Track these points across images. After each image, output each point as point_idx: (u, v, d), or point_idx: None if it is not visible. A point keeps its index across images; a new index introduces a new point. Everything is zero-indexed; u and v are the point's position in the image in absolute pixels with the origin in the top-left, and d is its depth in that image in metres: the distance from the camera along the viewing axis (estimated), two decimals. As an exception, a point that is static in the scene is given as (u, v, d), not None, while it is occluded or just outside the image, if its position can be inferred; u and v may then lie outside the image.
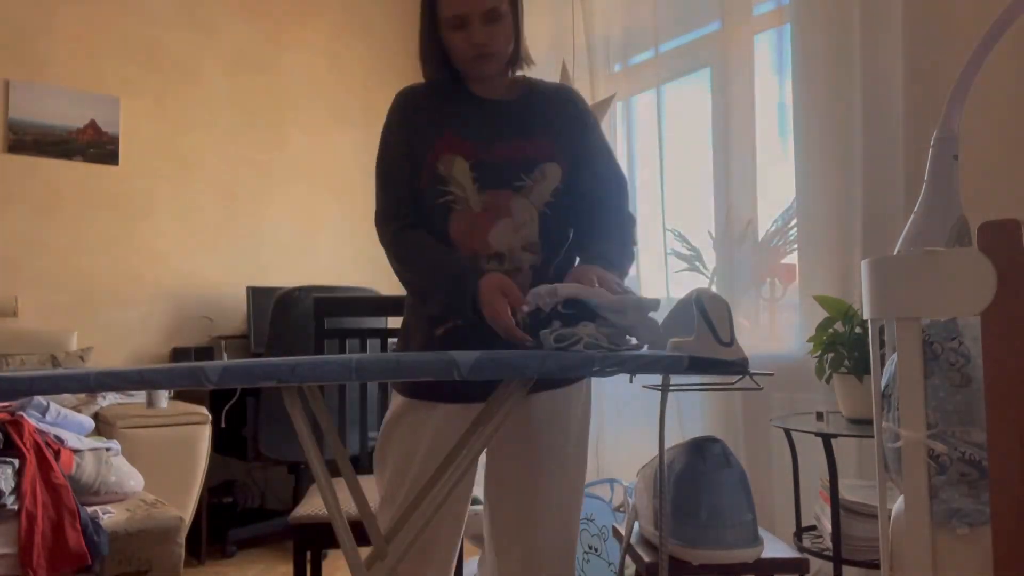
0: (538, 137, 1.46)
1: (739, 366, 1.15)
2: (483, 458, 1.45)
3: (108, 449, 2.48)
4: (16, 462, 2.14)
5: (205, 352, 3.63)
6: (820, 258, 2.44)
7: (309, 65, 4.21)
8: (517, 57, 1.50)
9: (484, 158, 1.43)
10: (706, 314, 1.18)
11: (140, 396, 3.18)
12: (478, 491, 2.33)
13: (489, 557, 1.53)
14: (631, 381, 1.52)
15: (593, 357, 1.00)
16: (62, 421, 2.53)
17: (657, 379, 1.90)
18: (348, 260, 4.23)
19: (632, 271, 1.33)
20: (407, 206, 1.46)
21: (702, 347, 1.17)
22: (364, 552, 1.84)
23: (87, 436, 2.58)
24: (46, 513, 2.10)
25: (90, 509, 2.24)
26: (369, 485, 2.06)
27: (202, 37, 3.92)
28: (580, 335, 1.09)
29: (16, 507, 2.06)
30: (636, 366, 1.02)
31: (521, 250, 1.42)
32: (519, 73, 1.55)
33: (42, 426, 2.38)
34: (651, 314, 1.18)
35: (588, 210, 1.49)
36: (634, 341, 1.18)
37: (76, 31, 3.59)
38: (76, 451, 2.36)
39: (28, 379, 0.83)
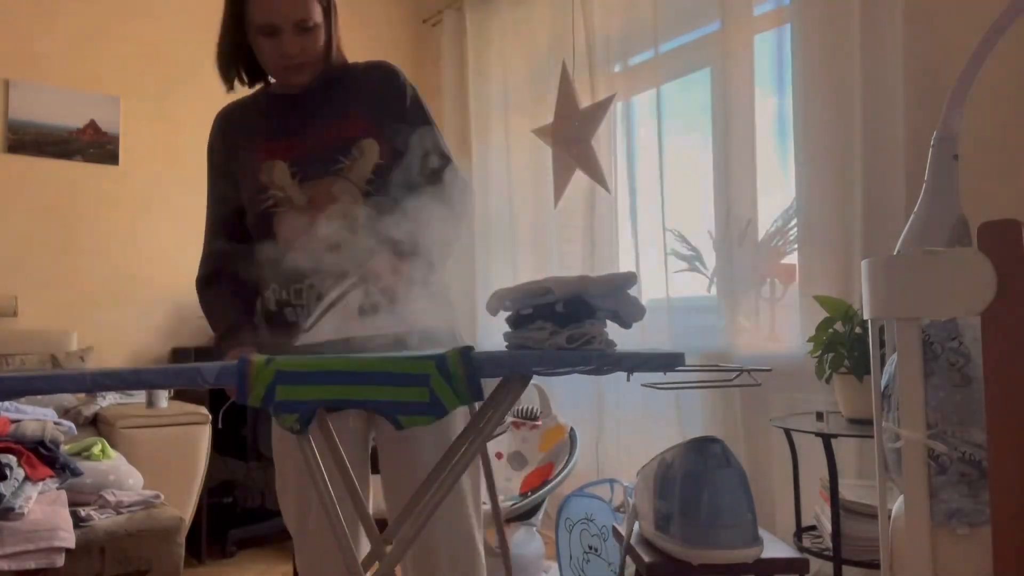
0: (350, 115, 1.42)
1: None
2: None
3: (57, 423, 2.49)
4: None
5: (205, 352, 3.63)
6: (820, 258, 2.44)
7: (309, 65, 4.20)
8: (329, 63, 1.45)
9: (300, 153, 1.40)
10: None
11: (140, 396, 3.18)
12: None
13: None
14: (628, 379, 1.51)
15: (588, 355, 0.99)
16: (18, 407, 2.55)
17: (656, 377, 1.90)
18: (348, 260, 4.22)
19: (632, 271, 1.31)
20: (217, 247, 1.48)
21: None
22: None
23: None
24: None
25: (84, 511, 2.23)
26: (371, 484, 2.06)
27: (202, 37, 3.91)
28: (594, 333, 1.08)
29: (24, 510, 2.06)
30: (633, 364, 1.02)
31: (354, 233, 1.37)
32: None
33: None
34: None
35: (413, 187, 1.45)
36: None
37: (76, 31, 3.59)
38: (15, 421, 2.36)
39: (24, 379, 0.83)
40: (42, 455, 2.26)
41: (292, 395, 0.98)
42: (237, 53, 1.44)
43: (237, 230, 1.49)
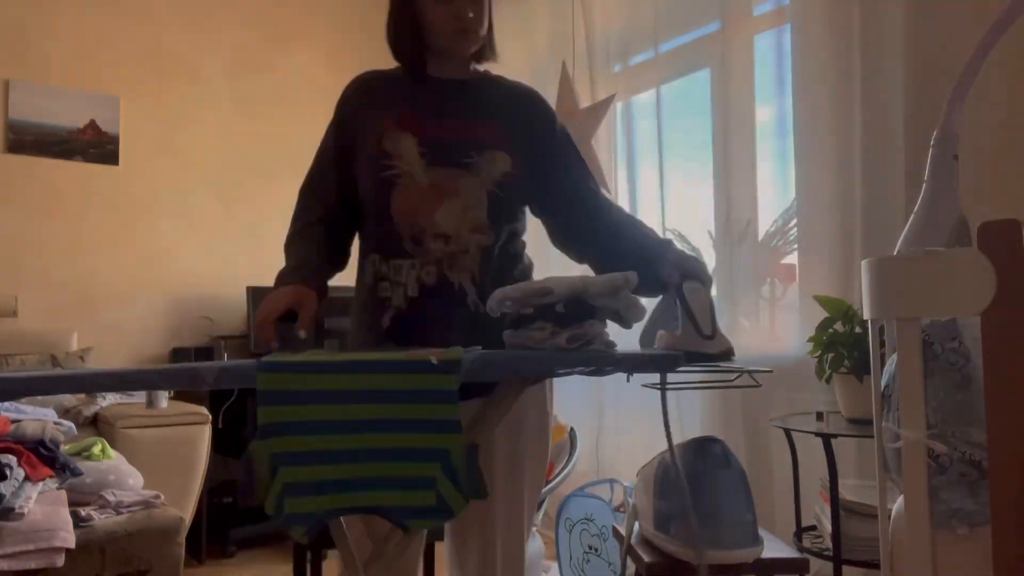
0: (490, 122, 1.43)
1: (722, 357, 1.15)
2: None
3: (57, 423, 2.49)
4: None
5: (205, 352, 3.63)
6: (820, 258, 2.44)
7: (309, 65, 4.21)
8: (488, 46, 1.47)
9: (432, 134, 1.39)
10: (688, 308, 1.17)
11: (140, 396, 3.18)
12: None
13: (450, 555, 1.48)
14: (628, 380, 1.51)
15: (590, 356, 0.99)
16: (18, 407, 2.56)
17: (655, 378, 1.90)
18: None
19: (632, 271, 1.30)
20: (323, 192, 1.47)
21: (685, 341, 1.16)
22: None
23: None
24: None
25: (84, 511, 2.23)
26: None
27: (202, 37, 3.92)
28: (594, 334, 1.08)
29: (24, 510, 2.06)
30: (633, 364, 1.02)
31: (469, 232, 1.37)
32: (483, 68, 1.52)
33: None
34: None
35: (556, 210, 1.47)
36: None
37: (76, 31, 3.59)
38: (15, 421, 2.37)
39: (24, 380, 0.83)
40: (42, 455, 2.26)
41: (300, 508, 0.98)
42: (406, 26, 1.44)
43: (335, 188, 1.48)
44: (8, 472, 2.10)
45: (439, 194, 1.36)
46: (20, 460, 2.17)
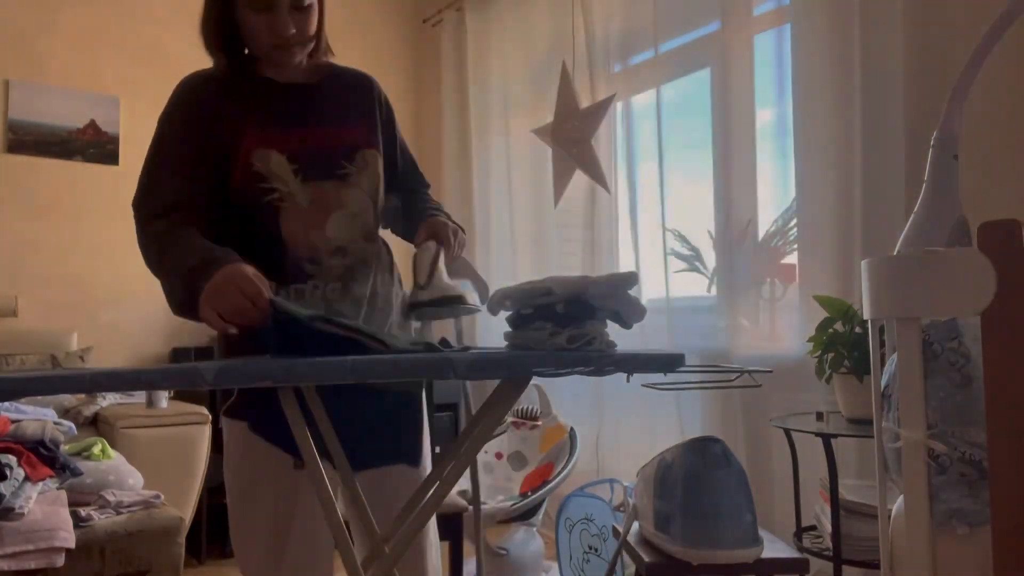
0: (351, 123, 1.41)
1: (440, 303, 1.29)
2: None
3: (57, 423, 2.49)
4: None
5: (205, 352, 3.63)
6: (820, 258, 2.44)
7: (309, 65, 4.20)
8: (319, 47, 1.41)
9: (299, 148, 1.34)
10: (414, 264, 1.33)
11: (140, 396, 3.18)
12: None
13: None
14: (628, 380, 1.51)
15: (590, 356, 0.99)
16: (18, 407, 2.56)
17: (656, 378, 1.90)
18: (348, 260, 4.22)
19: (633, 271, 1.32)
20: (184, 202, 1.31)
21: (411, 296, 1.30)
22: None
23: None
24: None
25: (84, 511, 2.23)
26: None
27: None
28: (594, 334, 1.08)
29: (24, 510, 2.06)
30: (633, 365, 1.02)
31: (363, 240, 1.36)
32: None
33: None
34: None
35: (409, 191, 1.52)
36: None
37: (76, 31, 3.59)
38: (15, 421, 2.37)
39: (24, 380, 0.83)
40: (42, 455, 2.26)
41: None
42: (221, 27, 1.34)
43: (202, 200, 1.34)
44: (8, 472, 2.10)
45: (322, 210, 1.33)
46: (20, 460, 2.17)
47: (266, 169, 1.31)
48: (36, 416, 2.53)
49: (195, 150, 1.32)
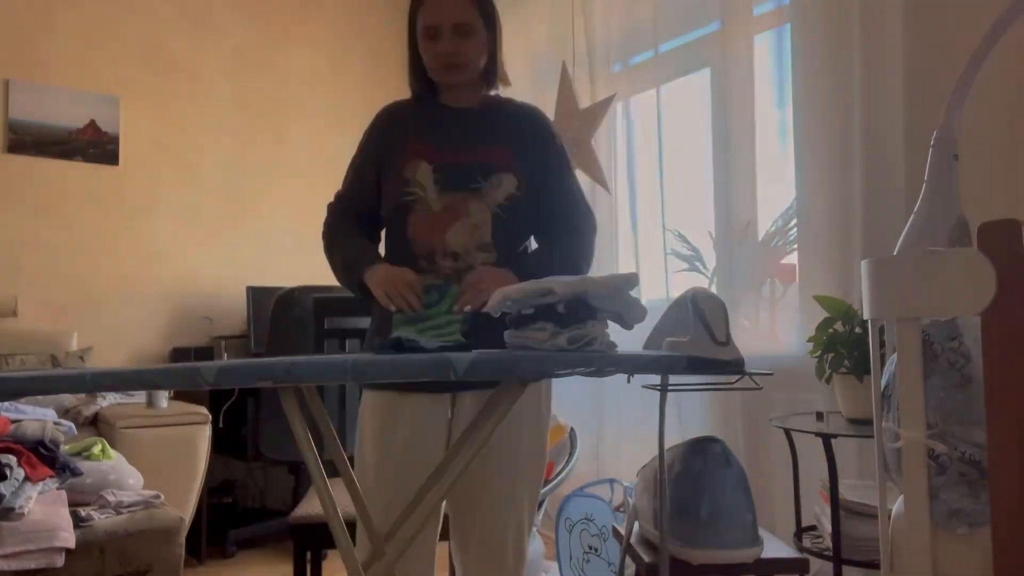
0: (498, 147, 1.54)
1: (735, 365, 1.15)
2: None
3: (57, 423, 2.49)
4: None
5: (205, 352, 3.63)
6: (820, 258, 2.44)
7: (309, 65, 4.21)
8: (491, 75, 1.59)
9: (445, 161, 1.51)
10: (702, 314, 1.17)
11: (140, 396, 3.18)
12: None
13: (453, 551, 1.57)
14: (628, 381, 1.52)
15: (591, 357, 0.99)
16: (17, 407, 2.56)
17: (656, 379, 1.90)
18: (348, 260, 4.22)
19: (634, 272, 1.34)
20: (355, 203, 1.61)
21: (698, 347, 1.16)
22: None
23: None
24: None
25: (84, 511, 2.23)
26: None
27: (202, 37, 3.92)
28: (594, 334, 1.08)
29: (24, 510, 2.06)
30: (634, 366, 1.02)
31: (476, 250, 1.49)
32: (493, 92, 1.63)
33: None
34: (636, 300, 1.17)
35: (543, 222, 1.58)
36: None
37: (76, 31, 3.59)
38: (15, 421, 2.37)
39: (23, 379, 0.83)
40: (42, 455, 2.26)
41: None
42: (418, 66, 1.57)
43: (362, 203, 1.61)
44: (8, 472, 2.10)
45: (450, 216, 1.49)
46: (20, 460, 2.17)
47: (412, 176, 1.51)
48: (36, 416, 2.53)
49: (370, 160, 1.60)
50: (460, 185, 1.50)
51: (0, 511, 2.02)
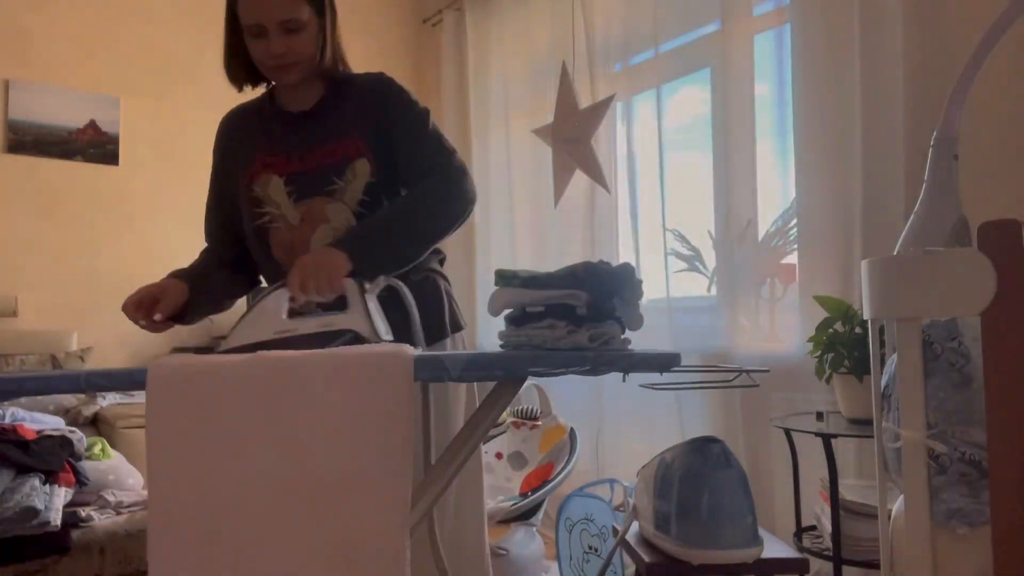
0: (346, 136, 1.45)
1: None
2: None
3: (71, 431, 2.49)
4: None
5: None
6: (820, 258, 2.43)
7: (309, 65, 4.20)
8: (332, 61, 1.48)
9: (296, 169, 1.45)
10: None
11: (140, 396, 3.18)
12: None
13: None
14: (624, 380, 1.51)
15: (584, 356, 0.99)
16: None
17: (655, 378, 1.90)
18: (348, 260, 4.22)
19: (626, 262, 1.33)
20: (216, 234, 1.60)
21: None
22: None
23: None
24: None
25: (84, 511, 2.23)
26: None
27: (202, 37, 3.91)
28: (612, 334, 1.08)
29: (59, 523, 2.07)
30: (627, 364, 1.01)
31: None
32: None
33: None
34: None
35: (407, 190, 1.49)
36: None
37: (76, 31, 3.59)
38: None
39: (20, 380, 0.83)
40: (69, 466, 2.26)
41: None
42: (239, 56, 1.49)
43: (230, 234, 1.58)
44: (40, 483, 2.10)
45: (309, 227, 1.44)
46: (57, 473, 2.17)
47: (264, 194, 1.45)
48: (53, 426, 2.52)
49: (221, 192, 1.56)
50: (313, 191, 1.43)
51: (36, 524, 2.03)
